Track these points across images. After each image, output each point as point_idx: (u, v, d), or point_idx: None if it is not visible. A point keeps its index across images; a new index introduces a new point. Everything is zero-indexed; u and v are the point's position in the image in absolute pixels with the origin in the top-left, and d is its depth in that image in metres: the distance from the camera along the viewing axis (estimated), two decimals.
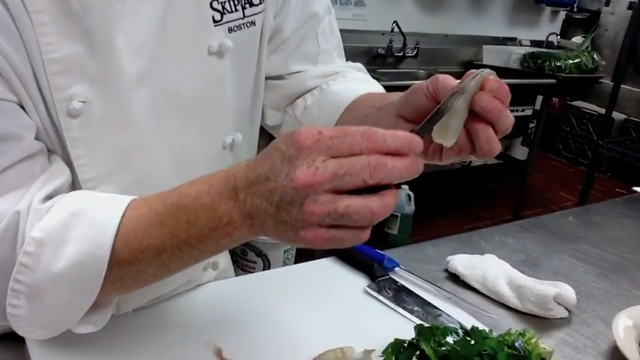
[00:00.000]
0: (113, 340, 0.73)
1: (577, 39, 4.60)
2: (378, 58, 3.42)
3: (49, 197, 0.59)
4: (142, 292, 0.77)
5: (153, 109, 0.67)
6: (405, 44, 3.44)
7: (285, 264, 2.53)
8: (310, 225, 0.48)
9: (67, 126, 0.62)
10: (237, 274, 1.00)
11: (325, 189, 0.47)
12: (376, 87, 0.86)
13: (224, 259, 0.96)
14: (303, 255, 2.72)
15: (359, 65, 0.94)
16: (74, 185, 0.65)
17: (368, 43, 3.36)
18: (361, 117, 0.74)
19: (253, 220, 0.52)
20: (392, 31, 3.37)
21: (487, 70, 0.57)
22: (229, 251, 0.96)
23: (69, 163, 0.64)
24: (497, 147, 0.57)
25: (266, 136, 0.92)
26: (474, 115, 0.56)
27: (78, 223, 0.57)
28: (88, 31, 0.60)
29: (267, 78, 0.85)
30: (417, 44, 3.48)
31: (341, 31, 0.93)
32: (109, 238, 0.56)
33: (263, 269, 2.49)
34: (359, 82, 0.87)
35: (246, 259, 2.50)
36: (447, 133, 0.56)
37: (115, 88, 0.63)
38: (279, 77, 0.88)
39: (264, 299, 0.87)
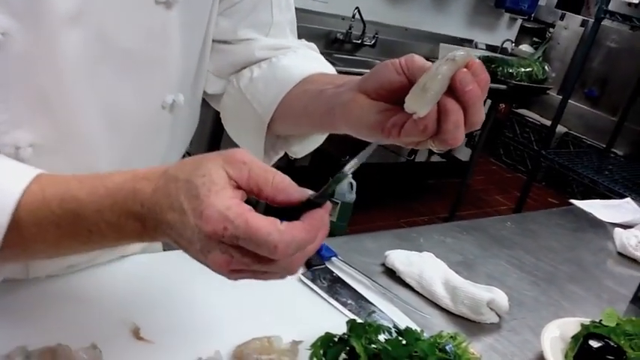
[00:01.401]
0: (21, 307, 0.67)
1: (525, 47, 4.69)
2: (335, 42, 3.37)
3: None
4: (55, 259, 0.70)
5: (85, 56, 0.60)
6: (364, 32, 3.41)
7: None
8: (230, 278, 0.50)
9: None
10: (167, 249, 0.94)
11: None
12: (328, 68, 0.81)
13: None
14: None
15: (312, 45, 0.88)
16: None
17: (327, 27, 3.31)
18: (315, 92, 0.69)
19: (165, 238, 0.51)
20: (353, 17, 3.33)
21: (470, 53, 0.54)
22: None
23: None
24: (461, 137, 0.54)
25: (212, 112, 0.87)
26: (450, 93, 0.52)
27: None
28: None
29: (213, 41, 0.79)
30: (376, 34, 3.46)
31: (301, 11, 0.88)
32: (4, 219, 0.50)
33: None
34: (311, 61, 0.81)
35: None
36: (424, 98, 0.52)
37: (41, 24, 0.56)
38: (226, 42, 0.81)
39: (191, 279, 0.82)
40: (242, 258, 0.46)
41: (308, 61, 0.80)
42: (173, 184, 0.48)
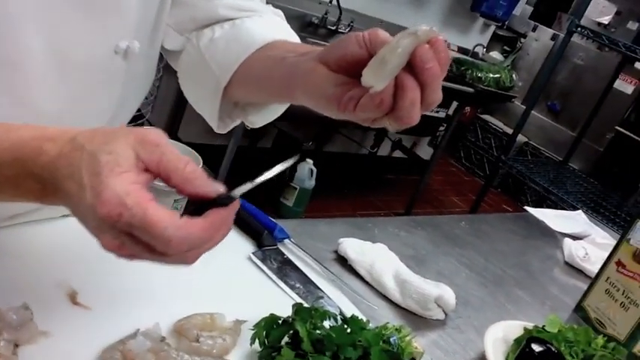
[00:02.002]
0: None
1: (495, 54, 4.75)
2: (310, 26, 3.34)
3: None
4: None
5: None
6: (339, 19, 3.38)
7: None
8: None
9: None
10: None
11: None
12: (293, 37, 0.78)
13: None
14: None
15: (278, 11, 0.85)
16: None
17: (303, 9, 3.27)
18: (277, 59, 0.67)
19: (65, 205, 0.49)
20: (330, 2, 3.30)
21: (436, 29, 0.52)
22: None
23: None
24: (417, 115, 0.52)
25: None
26: (409, 69, 0.51)
27: None
28: None
29: None
30: (352, 22, 3.44)
31: None
32: None
33: None
34: (276, 27, 0.78)
35: None
36: (381, 72, 0.50)
37: None
38: None
39: None
40: (134, 246, 0.45)
41: (273, 27, 0.77)
42: (78, 154, 0.45)
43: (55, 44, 0.60)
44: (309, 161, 3.09)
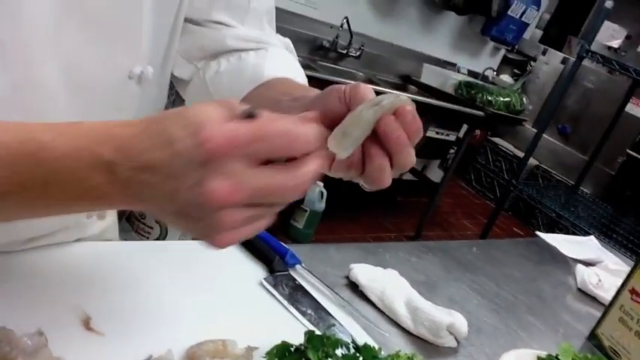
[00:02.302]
0: None
1: (505, 77, 4.77)
2: (321, 49, 3.37)
3: None
4: (7, 228, 0.66)
5: (50, 9, 0.57)
6: (350, 43, 3.41)
7: (183, 235, 2.43)
8: (221, 232, 0.44)
9: None
10: (130, 238, 0.92)
11: (244, 204, 0.43)
12: (298, 73, 0.78)
13: (112, 213, 0.87)
14: None
15: (287, 41, 0.86)
16: None
17: (314, 33, 3.31)
18: (273, 101, 0.66)
19: (135, 197, 0.45)
20: (341, 26, 3.34)
21: (408, 100, 0.51)
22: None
23: None
24: (388, 180, 0.51)
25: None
26: (376, 137, 0.50)
27: None
28: None
29: (185, 20, 0.76)
30: (362, 46, 3.47)
31: (290, 14, 0.87)
32: None
33: (159, 237, 2.39)
34: (281, 63, 0.79)
35: (143, 223, 2.39)
36: (344, 142, 0.49)
37: None
38: (198, 23, 0.78)
39: (150, 272, 0.80)
40: (248, 174, 0.42)
41: (278, 63, 0.78)
42: (157, 125, 0.44)
43: (69, 69, 0.61)
44: (320, 184, 3.10)
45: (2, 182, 0.45)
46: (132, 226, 2.40)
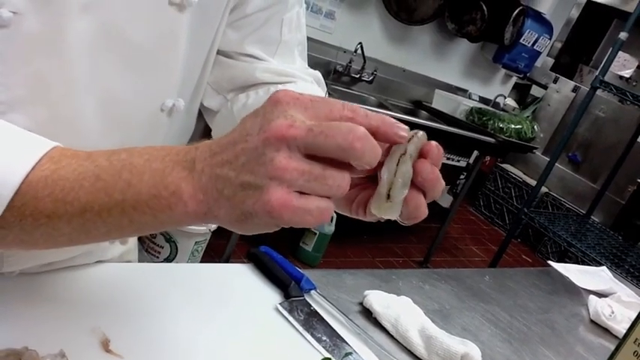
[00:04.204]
0: None
1: (508, 100, 4.76)
2: (334, 74, 3.40)
3: None
4: (34, 253, 0.68)
5: (91, 46, 0.59)
6: (363, 67, 3.44)
7: (193, 255, 2.44)
8: (280, 184, 0.43)
9: None
10: (140, 257, 0.92)
11: (299, 146, 0.43)
12: None
13: (132, 238, 0.88)
14: (214, 249, 2.64)
15: (317, 75, 0.87)
16: None
17: (328, 57, 3.34)
18: None
19: (206, 194, 0.46)
20: (355, 51, 3.37)
21: (422, 132, 0.50)
22: None
23: None
24: (425, 212, 0.51)
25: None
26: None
27: None
28: None
29: (217, 52, 0.77)
30: (375, 71, 3.50)
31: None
32: (17, 178, 0.47)
33: (169, 256, 2.39)
34: None
35: (154, 242, 2.39)
36: (393, 206, 0.48)
37: (52, 8, 0.55)
38: (229, 56, 0.80)
39: (168, 295, 0.80)
40: (305, 123, 0.43)
41: None
42: (237, 127, 0.46)
43: (106, 102, 0.63)
44: None
45: (88, 192, 0.48)
46: (142, 245, 2.41)
